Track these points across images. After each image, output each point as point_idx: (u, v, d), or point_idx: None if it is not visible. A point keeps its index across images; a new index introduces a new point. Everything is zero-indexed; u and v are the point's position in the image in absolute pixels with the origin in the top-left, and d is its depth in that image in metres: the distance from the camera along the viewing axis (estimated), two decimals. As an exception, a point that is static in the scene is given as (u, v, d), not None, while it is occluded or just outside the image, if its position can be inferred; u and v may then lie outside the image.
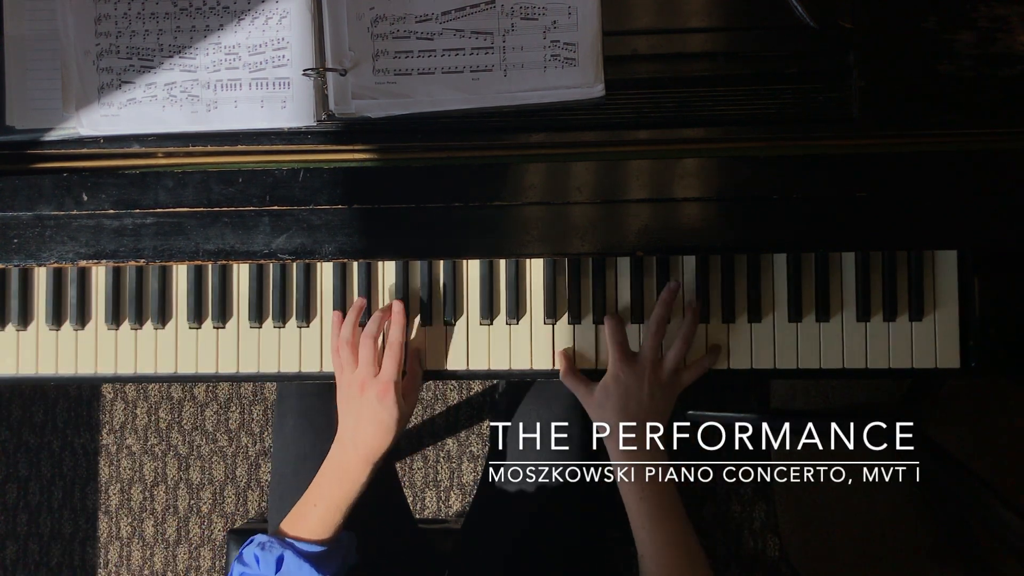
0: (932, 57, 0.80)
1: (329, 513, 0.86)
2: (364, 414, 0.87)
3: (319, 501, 0.87)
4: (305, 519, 0.87)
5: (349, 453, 0.87)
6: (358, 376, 0.87)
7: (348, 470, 0.87)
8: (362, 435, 0.87)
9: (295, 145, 0.85)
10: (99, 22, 0.85)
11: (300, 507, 0.88)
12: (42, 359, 0.96)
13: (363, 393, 0.87)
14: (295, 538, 0.85)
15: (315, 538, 0.85)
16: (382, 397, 0.86)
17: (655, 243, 0.83)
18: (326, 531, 0.86)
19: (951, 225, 0.81)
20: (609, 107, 0.83)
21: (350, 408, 0.88)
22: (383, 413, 0.86)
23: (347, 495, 0.87)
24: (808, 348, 0.91)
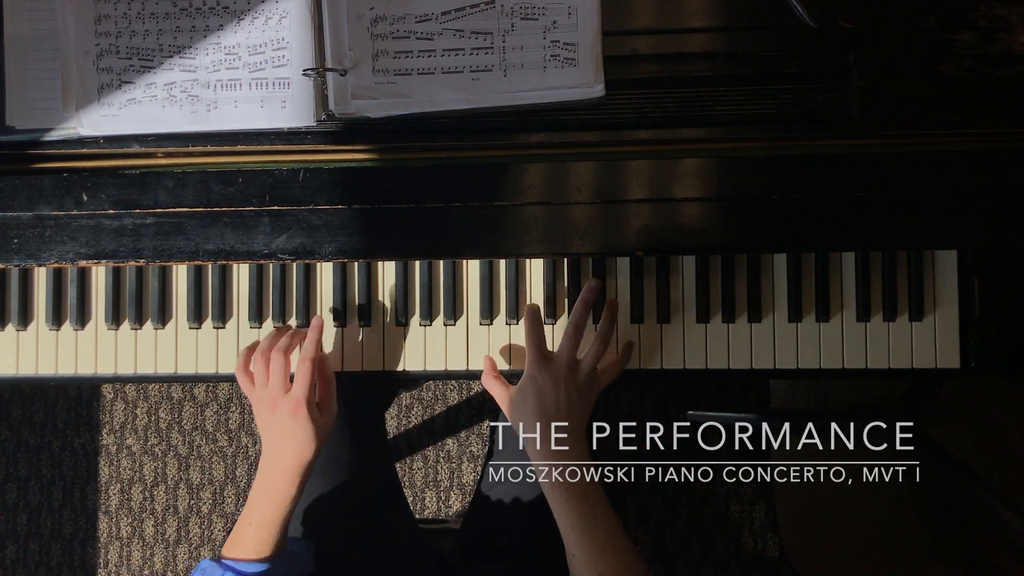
0: (932, 57, 0.80)
1: (264, 531, 0.86)
2: (279, 432, 0.86)
3: (253, 520, 0.87)
4: (242, 540, 0.87)
5: (275, 470, 0.87)
6: (269, 393, 0.87)
7: (276, 487, 0.87)
8: (283, 452, 0.86)
9: (295, 145, 0.85)
10: (99, 22, 0.85)
11: (236, 528, 0.88)
12: (42, 359, 0.96)
13: (275, 412, 0.86)
14: (233, 559, 0.85)
15: (254, 557, 0.85)
16: (294, 414, 0.85)
17: (655, 243, 0.83)
18: (264, 549, 0.86)
19: (951, 225, 0.81)
20: (609, 107, 0.83)
21: (266, 426, 0.88)
22: (297, 429, 0.86)
23: (279, 511, 0.87)
24: (808, 348, 0.91)
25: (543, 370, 0.85)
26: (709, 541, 1.66)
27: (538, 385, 0.85)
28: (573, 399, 0.84)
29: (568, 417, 0.84)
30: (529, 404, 0.85)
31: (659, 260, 0.92)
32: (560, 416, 0.84)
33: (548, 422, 0.84)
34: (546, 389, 0.85)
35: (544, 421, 0.84)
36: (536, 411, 0.85)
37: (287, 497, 0.87)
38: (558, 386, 0.84)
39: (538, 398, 0.85)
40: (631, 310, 0.92)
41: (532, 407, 0.85)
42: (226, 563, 0.85)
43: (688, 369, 0.92)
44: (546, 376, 0.85)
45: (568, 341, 0.86)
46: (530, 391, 0.86)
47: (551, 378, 0.85)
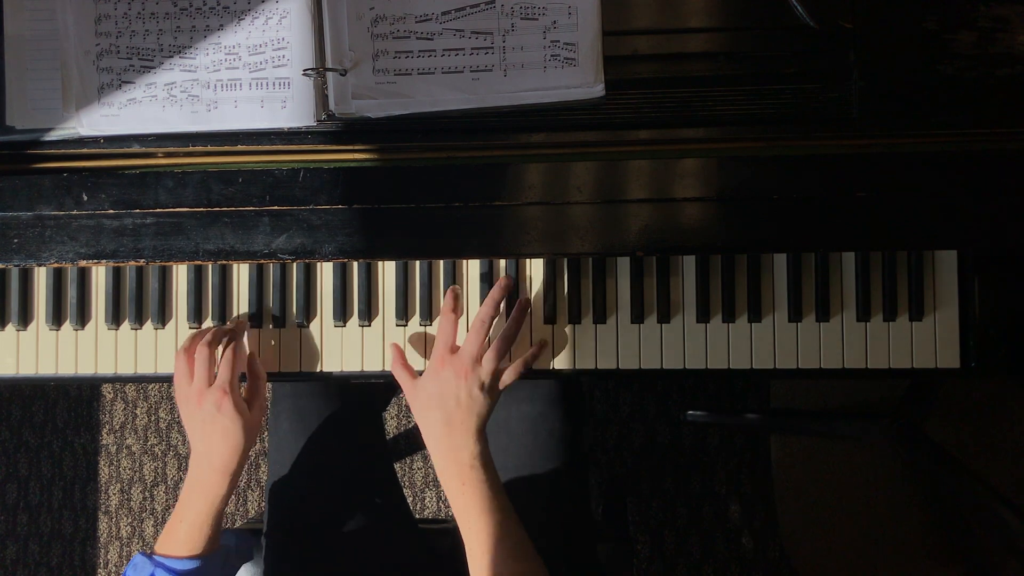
0: (932, 57, 0.80)
1: (195, 528, 0.86)
2: (207, 427, 0.86)
3: (185, 518, 0.87)
4: (174, 536, 0.87)
5: (204, 468, 0.87)
6: (194, 388, 0.86)
7: (207, 485, 0.87)
8: (212, 448, 0.86)
9: (295, 145, 0.85)
10: (99, 22, 0.85)
11: (169, 524, 0.88)
12: (42, 359, 0.96)
13: (200, 405, 0.86)
14: (164, 555, 0.86)
15: (186, 554, 0.86)
16: (219, 405, 0.85)
17: (655, 243, 0.83)
18: (196, 546, 0.86)
19: (951, 225, 0.81)
20: (609, 107, 0.83)
21: (193, 423, 0.87)
22: (225, 421, 0.85)
23: (210, 509, 0.87)
24: (808, 348, 0.91)
25: (446, 365, 0.86)
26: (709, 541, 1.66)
27: (440, 377, 0.85)
28: (474, 394, 0.85)
29: (467, 412, 0.84)
30: (429, 396, 0.86)
31: (659, 260, 0.92)
32: (460, 411, 0.84)
33: (447, 413, 0.84)
34: (447, 383, 0.85)
35: (442, 414, 0.84)
36: (435, 404, 0.85)
37: (218, 494, 0.87)
38: (459, 381, 0.85)
39: (438, 391, 0.85)
40: (631, 310, 0.92)
41: (430, 399, 0.85)
42: (157, 559, 0.86)
43: (688, 369, 0.92)
44: (448, 371, 0.85)
45: (472, 337, 0.86)
46: (431, 384, 0.86)
47: (452, 373, 0.85)
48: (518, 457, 1.04)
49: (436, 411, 0.85)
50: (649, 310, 0.92)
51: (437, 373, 0.86)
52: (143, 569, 0.85)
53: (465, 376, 0.85)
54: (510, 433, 1.04)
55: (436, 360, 0.87)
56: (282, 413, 1.08)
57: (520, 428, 1.05)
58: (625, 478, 1.68)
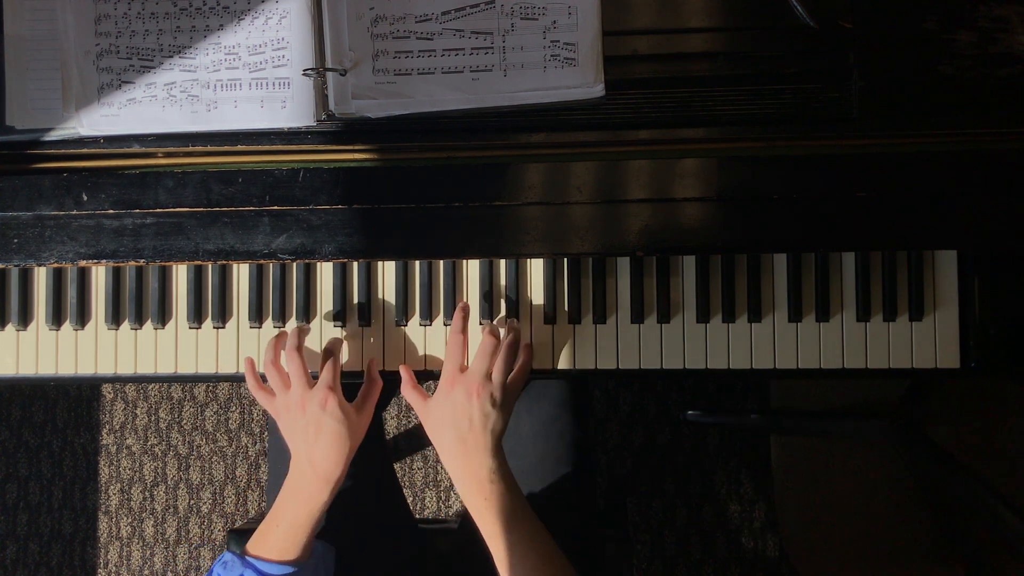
0: (932, 57, 0.80)
1: (291, 534, 0.85)
2: (311, 430, 0.85)
3: (281, 522, 0.86)
4: (268, 539, 0.86)
5: (306, 474, 0.86)
6: (294, 394, 0.86)
7: (307, 492, 0.86)
8: (315, 453, 0.85)
9: (295, 145, 0.85)
10: (99, 22, 0.85)
11: (264, 526, 0.87)
12: (42, 359, 0.96)
13: (304, 409, 0.85)
14: (257, 557, 0.85)
15: (279, 558, 0.85)
16: (324, 404, 0.84)
17: (655, 243, 0.83)
18: (289, 551, 0.85)
19: (951, 225, 0.81)
20: (609, 107, 0.83)
21: (295, 429, 0.86)
22: (331, 422, 0.85)
23: (308, 516, 0.86)
24: (808, 348, 0.91)
25: (457, 385, 0.86)
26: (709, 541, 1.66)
27: (451, 398, 0.85)
28: (485, 411, 0.84)
29: (481, 430, 0.84)
30: (442, 418, 0.85)
31: (659, 260, 0.92)
32: (473, 430, 0.84)
33: (460, 435, 0.84)
34: (458, 404, 0.85)
35: (456, 435, 0.84)
36: (448, 425, 0.85)
37: (319, 502, 0.86)
38: (470, 400, 0.84)
39: (451, 412, 0.85)
40: (631, 310, 0.92)
41: (444, 420, 0.85)
42: (250, 560, 0.84)
43: (688, 369, 0.92)
44: (459, 390, 0.85)
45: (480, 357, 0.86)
46: (443, 405, 0.86)
47: (463, 392, 0.85)
48: (529, 460, 1.04)
49: (450, 432, 0.85)
50: (649, 310, 0.92)
51: (448, 394, 0.86)
52: (233, 568, 0.83)
53: (476, 394, 0.84)
54: (520, 436, 1.04)
55: (446, 381, 0.87)
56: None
57: (531, 431, 1.05)
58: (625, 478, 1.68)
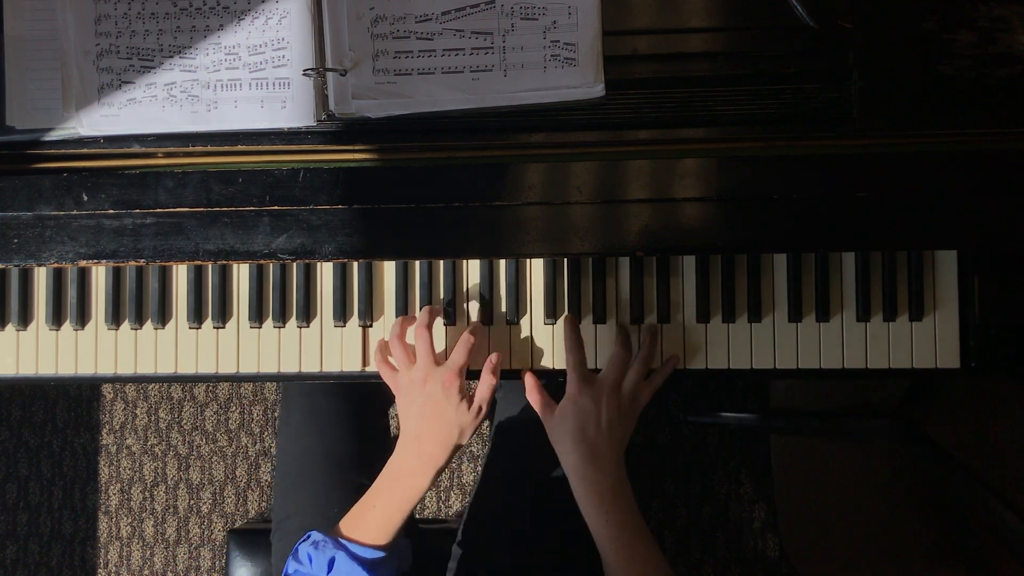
0: (932, 57, 0.80)
1: (387, 517, 0.84)
2: (426, 410, 0.84)
3: (378, 503, 0.84)
4: (363, 521, 0.84)
5: (412, 456, 0.85)
6: (418, 369, 0.85)
7: (410, 475, 0.85)
8: (424, 433, 0.84)
9: (295, 145, 0.85)
10: (99, 22, 0.85)
11: (359, 508, 0.86)
12: (42, 359, 0.96)
13: (425, 386, 0.84)
14: (350, 539, 0.83)
15: (371, 542, 0.83)
16: (446, 386, 0.83)
17: (655, 243, 0.83)
18: (383, 535, 0.84)
19: (951, 225, 0.81)
20: (609, 107, 0.83)
21: (411, 407, 0.85)
22: (448, 406, 0.83)
23: (408, 500, 0.84)
24: (808, 348, 0.91)
25: (585, 393, 0.85)
26: (709, 541, 1.66)
27: (579, 408, 0.84)
28: (614, 422, 0.84)
29: (609, 440, 0.84)
30: (570, 427, 0.85)
31: (659, 260, 0.92)
32: (600, 439, 0.83)
33: (589, 445, 0.83)
34: (588, 412, 0.84)
35: (585, 445, 0.83)
36: (577, 434, 0.84)
37: (420, 487, 0.84)
38: (599, 409, 0.84)
39: (579, 421, 0.84)
40: (631, 310, 0.92)
41: (572, 430, 0.84)
42: (343, 542, 0.83)
43: (688, 369, 0.92)
44: (587, 399, 0.84)
45: (613, 366, 0.86)
46: (571, 414, 0.85)
47: (592, 401, 0.84)
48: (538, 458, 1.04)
49: (577, 442, 0.84)
50: (649, 310, 0.92)
51: (575, 402, 0.85)
52: (324, 550, 0.81)
53: (606, 403, 0.84)
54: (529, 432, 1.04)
55: (573, 389, 0.86)
56: (293, 409, 1.07)
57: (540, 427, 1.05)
58: (625, 478, 1.68)
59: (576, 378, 0.86)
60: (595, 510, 0.83)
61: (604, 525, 0.83)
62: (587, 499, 0.84)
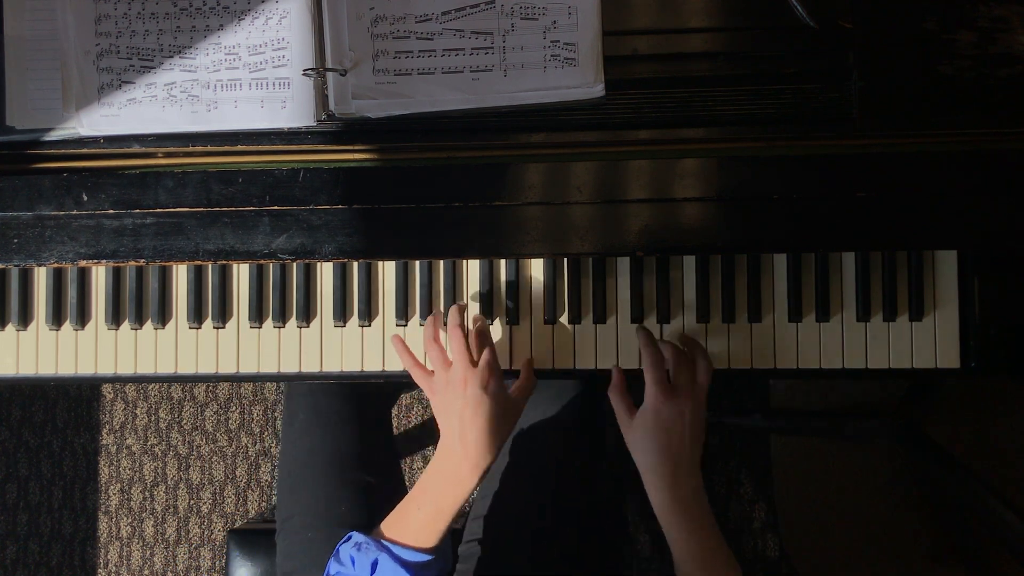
0: (932, 57, 0.80)
1: (432, 519, 0.82)
2: (468, 412, 0.82)
3: (424, 505, 0.83)
4: (406, 523, 0.83)
5: (457, 458, 0.83)
6: (456, 371, 0.83)
7: (456, 476, 0.83)
8: (469, 436, 0.82)
9: (295, 145, 0.85)
10: (99, 22, 0.85)
11: (403, 510, 0.84)
12: (42, 359, 0.96)
13: (466, 388, 0.82)
14: (393, 542, 0.81)
15: (415, 544, 0.81)
16: (486, 385, 0.82)
17: (655, 243, 0.83)
18: (428, 538, 0.82)
19: (951, 225, 0.81)
20: (609, 107, 0.83)
21: (452, 409, 0.83)
22: (492, 404, 0.82)
23: (454, 501, 0.82)
24: (808, 348, 0.91)
25: (668, 404, 0.83)
26: (709, 541, 1.66)
27: (662, 420, 0.82)
28: (695, 426, 0.82)
29: (691, 446, 0.82)
30: (653, 440, 0.82)
31: (659, 260, 0.92)
32: (684, 451, 0.82)
33: (674, 458, 0.81)
34: (673, 425, 0.82)
35: (670, 459, 0.81)
36: (663, 448, 0.82)
37: (466, 489, 0.83)
38: (683, 420, 0.82)
39: (663, 434, 0.82)
40: (631, 310, 0.92)
41: (657, 444, 0.82)
42: (387, 544, 0.81)
43: (688, 369, 0.92)
44: (672, 410, 0.82)
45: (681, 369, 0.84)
46: (654, 426, 0.83)
47: (676, 412, 0.82)
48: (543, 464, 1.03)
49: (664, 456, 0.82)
50: (649, 310, 0.92)
51: (658, 415, 0.83)
52: (367, 552, 0.80)
53: (689, 413, 0.82)
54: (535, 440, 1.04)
55: (654, 400, 0.83)
56: (298, 409, 1.07)
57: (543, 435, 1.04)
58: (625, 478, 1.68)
59: (657, 390, 0.83)
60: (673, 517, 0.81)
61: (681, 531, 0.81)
62: (664, 506, 0.82)
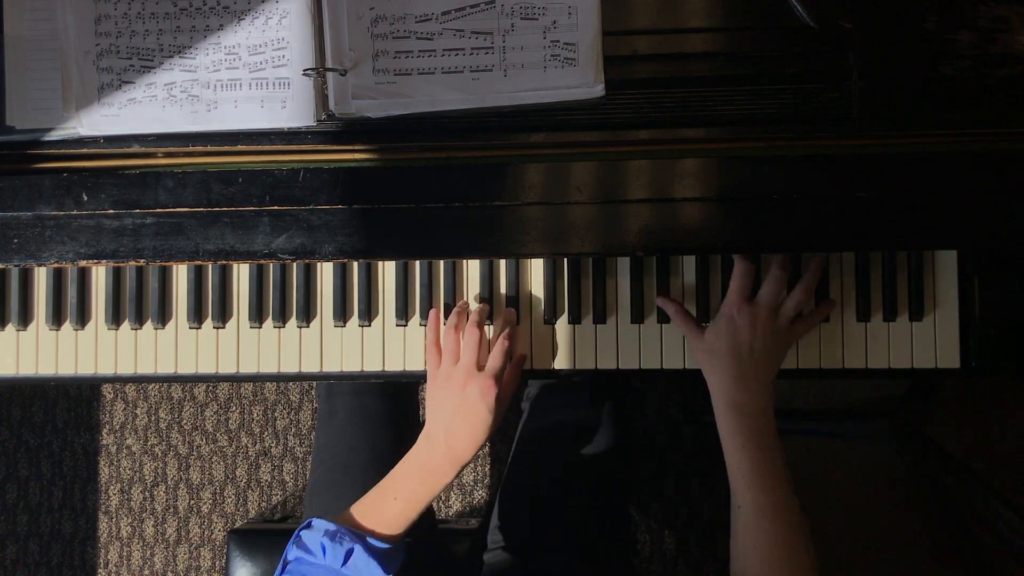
0: (932, 57, 0.80)
1: (407, 509, 0.83)
2: (461, 410, 0.83)
3: (399, 495, 0.83)
4: (381, 512, 0.83)
5: (439, 450, 0.84)
6: (461, 368, 0.84)
7: (435, 468, 0.84)
8: (455, 432, 0.83)
9: (295, 145, 0.85)
10: (99, 22, 0.85)
11: (376, 498, 0.84)
12: (42, 359, 0.96)
13: (465, 387, 0.84)
14: (368, 532, 0.82)
15: (387, 533, 0.82)
16: (485, 394, 0.83)
17: (655, 243, 0.83)
18: (399, 527, 0.83)
19: (951, 225, 0.81)
20: (609, 107, 0.83)
21: (446, 401, 0.84)
22: (483, 412, 0.83)
23: (429, 493, 0.84)
24: (808, 348, 0.91)
25: (743, 311, 0.84)
26: (709, 541, 1.66)
27: (735, 325, 0.83)
28: (768, 345, 0.83)
29: (760, 362, 0.82)
30: (723, 343, 0.83)
31: (659, 260, 0.92)
32: (753, 359, 0.82)
33: (740, 364, 0.82)
34: (742, 330, 0.83)
35: (736, 363, 0.82)
36: (729, 352, 0.83)
37: (442, 482, 0.84)
38: (754, 329, 0.82)
39: (733, 339, 0.83)
40: (631, 310, 0.92)
41: (725, 347, 0.83)
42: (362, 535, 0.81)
43: (689, 369, 0.92)
44: (744, 317, 0.83)
45: (772, 286, 0.85)
46: (725, 331, 0.84)
47: (749, 320, 0.83)
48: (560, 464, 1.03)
49: (731, 362, 0.82)
50: (649, 310, 0.92)
51: (731, 321, 0.84)
52: (342, 541, 0.79)
53: (762, 325, 0.82)
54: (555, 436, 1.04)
55: (730, 307, 0.84)
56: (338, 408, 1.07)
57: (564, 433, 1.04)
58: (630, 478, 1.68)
59: (735, 299, 0.84)
60: (735, 438, 0.81)
61: (744, 452, 0.80)
62: (727, 424, 0.82)
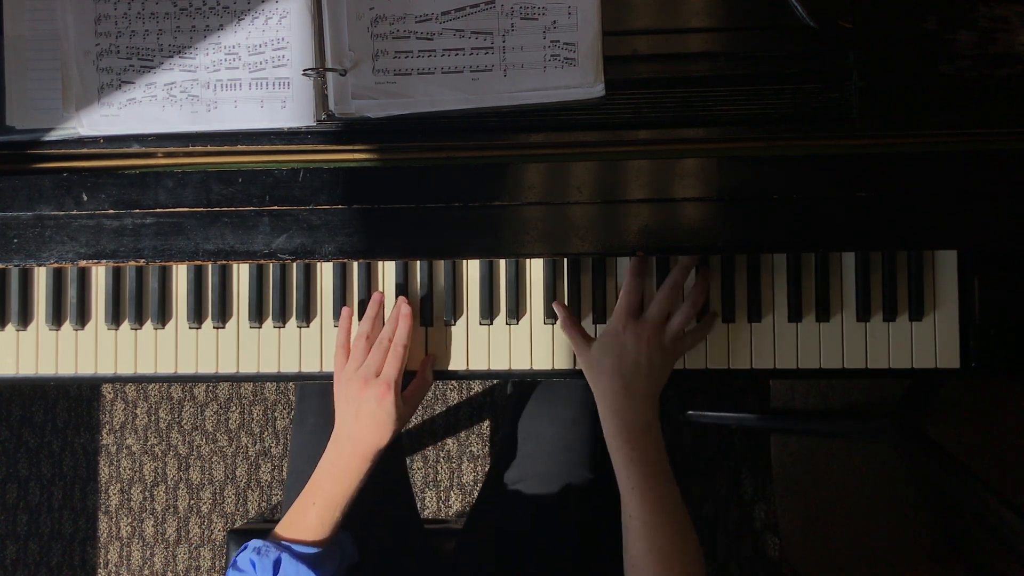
0: (932, 57, 0.80)
1: (327, 511, 0.86)
2: (362, 412, 0.87)
3: (317, 499, 0.86)
4: (303, 519, 0.86)
5: (346, 449, 0.87)
6: (362, 372, 0.87)
7: (345, 467, 0.87)
8: (359, 432, 0.87)
9: (295, 145, 0.85)
10: (99, 22, 0.85)
11: (297, 507, 0.87)
12: (42, 359, 0.96)
13: (364, 391, 0.87)
14: (292, 540, 0.85)
15: (312, 538, 0.85)
16: (381, 399, 0.86)
17: (655, 243, 0.83)
18: (324, 530, 0.85)
19: (951, 225, 0.81)
20: (609, 107, 0.83)
21: (349, 403, 0.88)
22: (381, 414, 0.86)
23: (345, 492, 0.86)
24: (808, 348, 0.91)
25: (628, 327, 0.84)
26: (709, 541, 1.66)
27: (621, 341, 0.84)
28: (654, 360, 0.83)
29: (644, 377, 0.83)
30: (608, 360, 0.84)
31: (659, 260, 0.92)
32: (638, 376, 0.83)
33: (624, 381, 0.83)
34: (628, 347, 0.83)
35: (622, 379, 0.83)
36: (614, 368, 0.83)
37: (356, 478, 0.87)
38: (640, 345, 0.83)
39: (618, 355, 0.83)
40: (631, 310, 0.92)
41: (611, 364, 0.84)
42: (286, 543, 0.84)
43: (688, 369, 0.92)
44: (630, 335, 0.84)
45: (660, 304, 0.85)
46: (611, 347, 0.84)
47: (635, 336, 0.83)
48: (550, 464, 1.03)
49: (615, 376, 0.83)
50: (649, 310, 0.92)
51: (617, 336, 0.84)
52: (268, 554, 0.82)
53: (648, 341, 0.83)
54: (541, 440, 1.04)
55: (617, 322, 0.85)
56: (308, 411, 1.07)
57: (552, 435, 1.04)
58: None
59: (623, 312, 0.85)
60: (623, 448, 0.82)
61: (627, 464, 0.82)
62: (616, 437, 0.83)
